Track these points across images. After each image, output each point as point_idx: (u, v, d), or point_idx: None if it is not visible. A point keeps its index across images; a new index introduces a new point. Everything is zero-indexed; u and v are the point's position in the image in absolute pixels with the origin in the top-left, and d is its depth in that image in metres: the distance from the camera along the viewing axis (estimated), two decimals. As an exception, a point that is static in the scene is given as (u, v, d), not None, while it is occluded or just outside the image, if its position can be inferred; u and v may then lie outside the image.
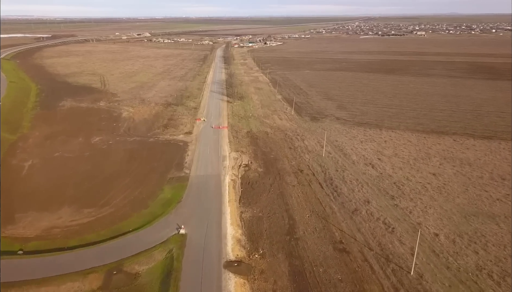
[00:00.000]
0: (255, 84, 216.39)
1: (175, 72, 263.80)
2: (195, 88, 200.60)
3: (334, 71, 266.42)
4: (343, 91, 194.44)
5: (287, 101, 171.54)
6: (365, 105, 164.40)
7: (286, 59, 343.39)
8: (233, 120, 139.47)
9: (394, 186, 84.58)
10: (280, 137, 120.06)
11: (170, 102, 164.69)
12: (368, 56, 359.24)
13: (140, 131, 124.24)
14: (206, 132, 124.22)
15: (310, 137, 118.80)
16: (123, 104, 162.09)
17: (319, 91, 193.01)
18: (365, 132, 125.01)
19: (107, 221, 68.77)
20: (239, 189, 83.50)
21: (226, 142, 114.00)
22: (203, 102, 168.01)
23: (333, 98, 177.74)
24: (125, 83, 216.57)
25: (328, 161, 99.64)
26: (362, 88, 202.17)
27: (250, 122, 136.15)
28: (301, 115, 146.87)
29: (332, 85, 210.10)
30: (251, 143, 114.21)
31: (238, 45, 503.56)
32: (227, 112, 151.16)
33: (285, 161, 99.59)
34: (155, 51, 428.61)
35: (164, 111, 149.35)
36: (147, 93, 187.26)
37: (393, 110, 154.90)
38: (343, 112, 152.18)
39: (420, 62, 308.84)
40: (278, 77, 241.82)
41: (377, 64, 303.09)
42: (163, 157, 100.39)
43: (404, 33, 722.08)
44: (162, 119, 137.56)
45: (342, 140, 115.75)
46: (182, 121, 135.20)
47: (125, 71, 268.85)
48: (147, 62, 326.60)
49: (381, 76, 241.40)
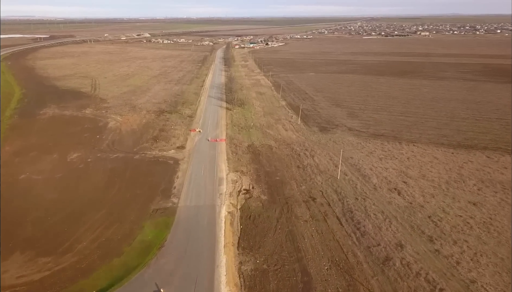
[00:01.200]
0: (257, 89, 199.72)
1: (172, 75, 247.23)
2: (192, 93, 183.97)
3: (341, 74, 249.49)
4: (352, 96, 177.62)
5: (292, 108, 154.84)
6: (378, 112, 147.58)
7: (289, 61, 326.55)
8: (232, 131, 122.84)
9: (430, 221, 67.82)
10: (286, 152, 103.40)
11: (163, 109, 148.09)
12: (374, 58, 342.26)
13: (125, 145, 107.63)
14: (201, 146, 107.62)
15: (321, 153, 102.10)
16: (111, 111, 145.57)
17: (327, 97, 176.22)
18: (383, 146, 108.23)
19: (65, 278, 52.16)
20: (238, 225, 66.88)
21: (223, 159, 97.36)
22: (199, 110, 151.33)
23: (342, 104, 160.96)
24: (117, 87, 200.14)
25: (344, 185, 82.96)
26: (373, 93, 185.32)
27: (251, 134, 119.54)
28: (308, 125, 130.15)
29: (340, 90, 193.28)
30: (252, 160, 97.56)
31: (239, 46, 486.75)
32: (225, 121, 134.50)
33: (294, 185, 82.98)
34: (153, 52, 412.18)
35: (156, 121, 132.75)
36: (139, 98, 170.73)
37: (410, 118, 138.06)
38: (355, 121, 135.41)
39: (430, 64, 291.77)
40: (281, 80, 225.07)
41: (385, 66, 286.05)
42: (148, 180, 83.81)
43: (407, 34, 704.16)
44: (152, 130, 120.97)
45: (358, 157, 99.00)
46: (175, 132, 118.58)
47: (120, 73, 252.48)
48: (144, 63, 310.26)
49: (391, 79, 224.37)
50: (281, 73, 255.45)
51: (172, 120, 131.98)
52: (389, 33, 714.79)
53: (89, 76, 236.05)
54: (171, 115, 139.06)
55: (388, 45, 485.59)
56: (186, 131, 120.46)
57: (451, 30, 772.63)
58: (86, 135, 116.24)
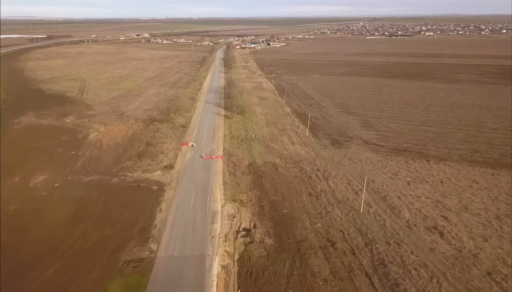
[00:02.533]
0: (259, 93, 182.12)
1: (168, 77, 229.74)
2: (188, 98, 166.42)
3: (348, 76, 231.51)
4: (364, 102, 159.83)
5: (298, 116, 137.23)
6: (395, 121, 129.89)
7: (292, 62, 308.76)
8: (230, 145, 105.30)
9: (491, 280, 50.33)
10: (294, 173, 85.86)
11: (153, 117, 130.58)
12: (381, 59, 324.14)
13: (104, 164, 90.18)
14: (193, 165, 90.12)
15: (336, 175, 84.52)
16: (95, 120, 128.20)
17: (336, 102, 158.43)
18: (408, 165, 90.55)
19: None
20: (235, 288, 49.44)
21: (219, 184, 79.81)
22: (194, 118, 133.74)
23: (354, 111, 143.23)
24: (107, 91, 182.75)
25: (370, 221, 65.40)
26: (386, 97, 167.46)
27: (252, 149, 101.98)
28: (318, 138, 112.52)
29: (349, 94, 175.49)
30: (254, 185, 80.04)
31: (239, 46, 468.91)
32: (223, 132, 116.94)
33: (306, 221, 65.47)
34: (151, 53, 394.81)
35: (144, 132, 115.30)
36: (129, 104, 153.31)
37: (432, 129, 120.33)
38: (370, 132, 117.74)
39: (441, 65, 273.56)
40: (284, 83, 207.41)
41: (393, 67, 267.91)
42: (124, 214, 66.36)
43: (411, 34, 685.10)
44: (138, 145, 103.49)
45: (382, 181, 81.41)
46: (164, 147, 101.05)
47: (113, 75, 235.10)
48: (140, 65, 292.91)
49: (403, 82, 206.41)
50: (284, 75, 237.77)
51: (162, 132, 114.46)
52: (393, 33, 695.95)
53: (79, 79, 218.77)
54: (161, 125, 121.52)
55: (393, 45, 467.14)
56: (177, 146, 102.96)
57: (456, 30, 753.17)
58: (61, 150, 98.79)
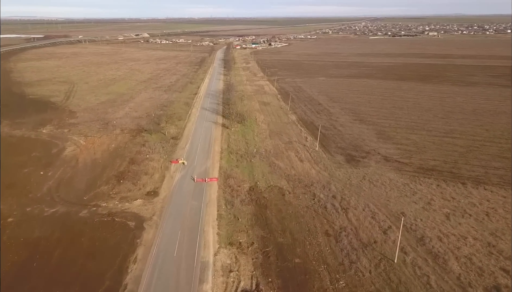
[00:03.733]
0: (261, 97, 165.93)
1: (163, 80, 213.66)
2: (182, 104, 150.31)
3: (355, 78, 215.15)
4: (376, 108, 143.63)
5: (305, 125, 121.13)
6: (415, 131, 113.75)
7: (295, 63, 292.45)
8: (228, 162, 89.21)
9: None
10: (306, 202, 69.72)
11: (142, 127, 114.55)
12: (387, 59, 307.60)
13: (75, 189, 74.12)
14: (182, 191, 74.05)
15: (357, 204, 68.41)
16: (75, 131, 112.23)
17: (345, 109, 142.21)
18: (442, 190, 74.38)
19: None
20: None
21: (212, 218, 63.67)
22: (188, 128, 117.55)
23: (367, 119, 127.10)
24: (96, 95, 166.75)
25: (409, 278, 49.25)
26: (400, 103, 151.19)
27: (254, 167, 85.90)
28: (330, 153, 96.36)
29: (359, 99, 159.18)
30: (256, 219, 63.93)
31: (240, 47, 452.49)
32: (220, 145, 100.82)
33: (325, 277, 49.39)
34: (149, 53, 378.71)
35: (129, 145, 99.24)
36: (117, 111, 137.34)
37: (459, 141, 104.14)
38: (389, 145, 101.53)
39: (452, 67, 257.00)
40: (288, 86, 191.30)
41: (402, 69, 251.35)
42: (86, 267, 50.36)
43: (415, 34, 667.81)
44: (119, 162, 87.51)
45: (414, 213, 65.25)
46: (150, 165, 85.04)
47: (105, 78, 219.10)
48: (136, 66, 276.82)
49: (416, 85, 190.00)
50: (287, 77, 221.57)
51: (150, 145, 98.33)
52: (396, 33, 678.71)
53: (69, 81, 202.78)
54: (150, 137, 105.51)
55: (398, 45, 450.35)
56: (165, 163, 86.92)
57: (460, 30, 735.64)
58: (27, 170, 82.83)
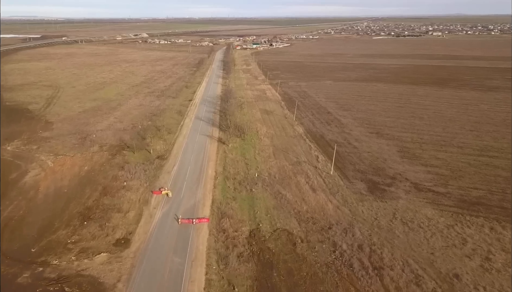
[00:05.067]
0: (262, 104, 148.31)
1: (157, 83, 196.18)
2: (175, 112, 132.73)
3: (364, 82, 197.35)
4: (393, 117, 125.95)
5: (315, 140, 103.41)
6: (443, 148, 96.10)
7: (298, 65, 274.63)
8: (223, 193, 71.64)
9: None
10: (324, 258, 52.02)
11: (125, 143, 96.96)
12: (395, 61, 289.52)
13: (21, 237, 56.58)
14: (161, 240, 56.48)
15: (392, 262, 50.73)
16: (46, 147, 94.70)
17: (358, 118, 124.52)
18: (499, 237, 56.71)
19: None
20: None
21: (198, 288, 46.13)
22: (178, 143, 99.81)
23: (385, 132, 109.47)
24: (80, 101, 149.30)
25: None
26: (419, 111, 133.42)
27: (255, 200, 68.33)
28: (347, 178, 78.72)
29: (372, 107, 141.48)
30: (258, 288, 46.47)
31: (240, 47, 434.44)
32: (214, 169, 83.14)
33: None
34: (146, 54, 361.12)
35: (105, 168, 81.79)
36: (100, 121, 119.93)
37: (500, 161, 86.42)
38: (416, 167, 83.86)
39: (466, 69, 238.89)
40: (291, 91, 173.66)
41: (414, 71, 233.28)
42: None
43: (419, 34, 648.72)
44: (89, 193, 70.03)
45: (470, 275, 47.50)
46: (125, 198, 67.53)
47: (95, 81, 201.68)
48: (130, 68, 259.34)
49: (432, 90, 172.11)
50: (291, 80, 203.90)
51: (130, 168, 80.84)
52: (400, 34, 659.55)
53: (55, 85, 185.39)
54: (132, 156, 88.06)
55: (403, 46, 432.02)
56: (145, 195, 69.47)
57: (464, 30, 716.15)
58: (-29, 204, 65.46)
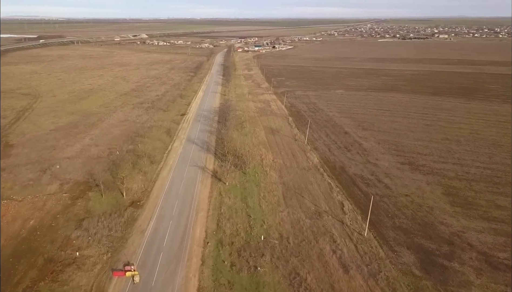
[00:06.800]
0: (267, 120, 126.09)
1: (149, 91, 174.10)
2: (163, 132, 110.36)
3: (379, 92, 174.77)
4: (423, 140, 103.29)
5: (334, 174, 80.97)
6: (501, 189, 73.82)
7: (304, 70, 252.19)
8: (214, 273, 49.09)
9: None
10: None
11: (94, 178, 74.72)
12: (408, 66, 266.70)
13: None
14: None
15: None
16: (-11, 186, 72.76)
17: (383, 141, 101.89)
18: None
19: None
20: None
21: None
22: (161, 182, 77.13)
23: (419, 162, 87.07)
24: (55, 115, 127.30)
25: None
26: (451, 131, 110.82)
27: (261, 288, 46.15)
28: (387, 241, 56.27)
29: (395, 125, 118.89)
30: None
31: (242, 49, 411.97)
32: (205, 226, 60.50)
33: None
34: (142, 56, 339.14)
35: (56, 224, 59.50)
36: (71, 144, 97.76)
37: None
38: (478, 221, 61.40)
39: (489, 77, 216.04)
40: (299, 102, 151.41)
41: (431, 79, 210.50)
42: None
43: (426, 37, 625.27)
44: (21, 272, 47.84)
45: None
46: (73, 282, 45.35)
47: (80, 89, 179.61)
48: (123, 72, 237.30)
49: (459, 103, 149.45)
50: (298, 89, 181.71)
51: (91, 225, 58.56)
52: (405, 36, 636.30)
53: (33, 94, 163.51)
54: (98, 201, 65.92)
55: (412, 49, 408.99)
56: (103, 275, 47.33)
57: (470, 33, 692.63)
58: None
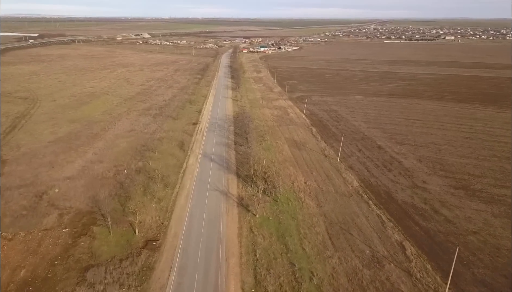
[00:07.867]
0: (288, 131, 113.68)
1: (155, 96, 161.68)
2: (175, 144, 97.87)
3: (402, 98, 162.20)
4: (471, 158, 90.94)
5: (381, 202, 68.63)
6: None
7: (315, 73, 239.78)
8: None
9: None
10: None
11: (99, 207, 62.43)
12: (422, 69, 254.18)
13: None
14: None
15: None
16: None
17: (424, 159, 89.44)
18: None
19: None
20: None
21: None
22: (178, 213, 64.19)
23: (476, 187, 74.67)
24: (55, 123, 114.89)
25: None
26: (498, 147, 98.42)
27: None
28: (475, 307, 44.34)
29: (432, 138, 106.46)
30: None
31: (247, 50, 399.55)
32: (239, 278, 48.26)
33: None
34: (145, 57, 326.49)
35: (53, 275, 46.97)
36: (72, 160, 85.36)
37: None
38: None
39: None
40: (318, 110, 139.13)
41: (453, 84, 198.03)
42: None
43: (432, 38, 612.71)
44: None
45: None
46: None
47: (82, 92, 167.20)
48: (126, 74, 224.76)
49: (492, 112, 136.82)
50: (313, 94, 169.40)
51: (97, 277, 46.08)
52: (411, 37, 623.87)
53: (31, 98, 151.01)
54: (106, 240, 53.60)
55: (421, 51, 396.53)
56: None
57: (477, 35, 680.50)
58: None
